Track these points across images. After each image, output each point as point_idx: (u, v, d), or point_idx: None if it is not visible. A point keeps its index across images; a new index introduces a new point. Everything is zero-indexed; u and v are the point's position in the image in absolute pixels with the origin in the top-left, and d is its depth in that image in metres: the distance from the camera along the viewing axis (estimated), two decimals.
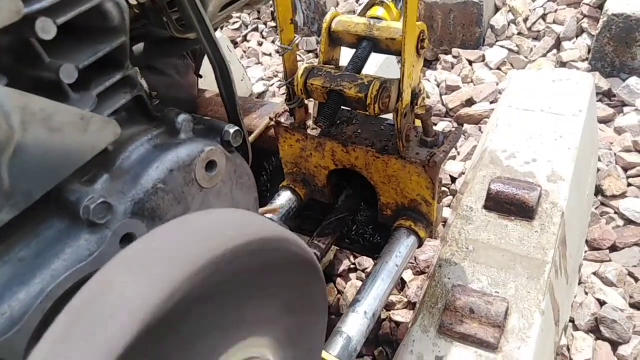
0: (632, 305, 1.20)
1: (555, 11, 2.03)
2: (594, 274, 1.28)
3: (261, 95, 2.15)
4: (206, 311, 0.24)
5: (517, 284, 0.92)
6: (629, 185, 1.48)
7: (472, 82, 2.01)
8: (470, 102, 1.91)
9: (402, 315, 1.27)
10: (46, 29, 0.26)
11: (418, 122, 0.81)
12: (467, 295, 0.88)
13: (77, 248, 0.27)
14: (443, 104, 1.93)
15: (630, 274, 1.26)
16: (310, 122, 0.89)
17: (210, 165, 0.34)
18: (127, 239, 0.29)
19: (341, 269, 1.44)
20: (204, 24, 0.35)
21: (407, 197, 0.85)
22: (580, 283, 1.27)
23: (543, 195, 1.07)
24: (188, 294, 0.23)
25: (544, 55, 1.96)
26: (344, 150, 0.86)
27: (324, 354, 0.55)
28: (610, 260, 1.30)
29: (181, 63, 0.89)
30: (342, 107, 0.78)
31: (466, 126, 1.85)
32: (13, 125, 0.24)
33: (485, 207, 1.07)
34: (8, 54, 0.25)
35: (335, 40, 0.83)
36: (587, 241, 1.35)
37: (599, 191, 1.47)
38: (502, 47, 2.04)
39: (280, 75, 2.16)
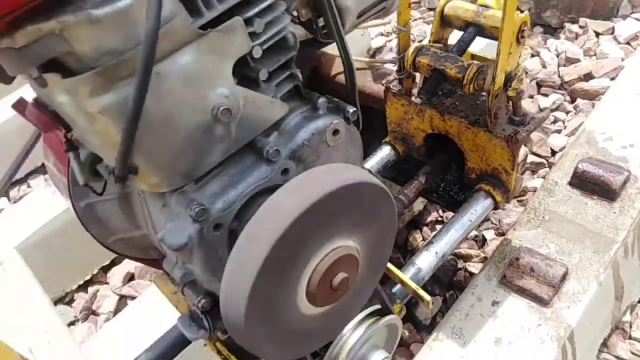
0: None
1: None
2: None
3: (379, 49, 2.28)
4: (324, 217, 0.44)
5: (582, 255, 1.03)
6: None
7: (594, 55, 1.95)
8: (588, 77, 1.88)
9: (476, 268, 1.42)
10: (257, 52, 0.46)
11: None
12: (531, 256, 1.01)
13: (259, 173, 0.48)
14: (559, 76, 1.92)
15: None
16: (415, 91, 1.04)
17: (335, 132, 0.53)
18: (285, 172, 0.50)
19: (428, 219, 1.61)
20: (340, 34, 0.52)
21: (490, 165, 0.98)
22: None
23: (631, 180, 1.13)
24: (316, 207, 0.43)
25: None
26: (441, 118, 1.00)
27: (394, 269, 0.75)
28: None
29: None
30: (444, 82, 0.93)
31: (579, 101, 1.84)
32: (239, 105, 0.44)
33: (570, 183, 1.16)
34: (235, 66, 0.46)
35: (445, 22, 0.96)
36: None
37: None
38: (637, 19, 1.93)
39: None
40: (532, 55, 2.09)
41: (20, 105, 0.44)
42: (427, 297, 0.76)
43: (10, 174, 2.07)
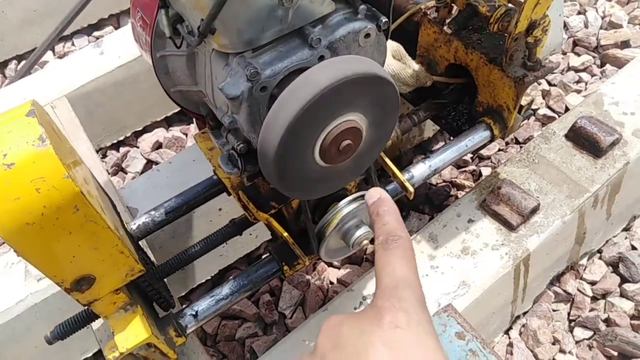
0: None
1: None
2: None
3: None
4: (343, 94, 0.58)
5: (556, 197, 1.18)
6: None
7: (639, 24, 1.97)
8: (624, 45, 1.91)
9: None
10: None
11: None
12: (512, 188, 1.16)
13: (302, 54, 0.61)
14: (597, 38, 1.95)
15: None
16: (448, 20, 1.14)
17: (367, 36, 0.65)
18: (321, 58, 0.63)
19: (435, 147, 1.75)
20: None
21: (496, 102, 1.10)
22: (627, 229, 1.46)
23: (620, 143, 1.25)
24: (338, 85, 0.57)
25: None
26: (465, 51, 1.11)
27: (388, 161, 0.91)
28: None
29: None
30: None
31: (608, 66, 1.89)
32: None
33: (566, 135, 1.28)
34: None
35: None
36: None
37: None
38: None
39: None
40: (579, 13, 2.10)
41: None
42: (410, 188, 0.92)
43: (60, 29, 2.22)
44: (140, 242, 1.12)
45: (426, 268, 1.10)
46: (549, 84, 1.87)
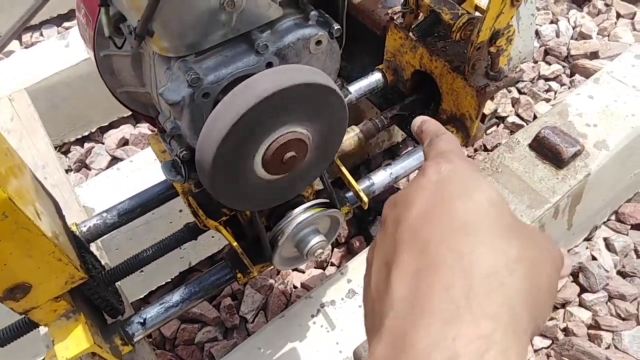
0: (619, 272, 1.41)
1: None
2: (605, 238, 1.47)
3: None
4: (285, 103, 0.56)
5: (517, 207, 1.18)
6: None
7: (607, 36, 2.00)
8: (593, 56, 1.94)
9: None
10: None
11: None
12: None
13: (248, 60, 0.59)
14: (567, 48, 1.97)
15: (636, 251, 1.45)
16: (413, 26, 1.12)
17: (318, 43, 0.63)
18: (269, 65, 0.61)
19: (405, 152, 1.74)
20: None
21: (459, 110, 1.10)
22: (588, 239, 1.48)
23: (582, 155, 1.26)
24: (280, 93, 0.55)
25: None
26: (429, 58, 1.10)
27: (345, 171, 0.89)
28: (626, 234, 1.48)
29: None
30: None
31: (577, 76, 1.91)
32: (243, 0, 0.55)
33: (530, 145, 1.28)
34: None
35: None
36: (616, 212, 1.52)
37: None
38: None
39: None
40: (552, 22, 2.12)
41: None
42: (365, 199, 0.91)
43: (26, 19, 2.13)
44: (94, 244, 1.09)
45: None
46: (519, 92, 1.89)
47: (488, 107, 1.12)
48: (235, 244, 0.81)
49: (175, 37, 0.56)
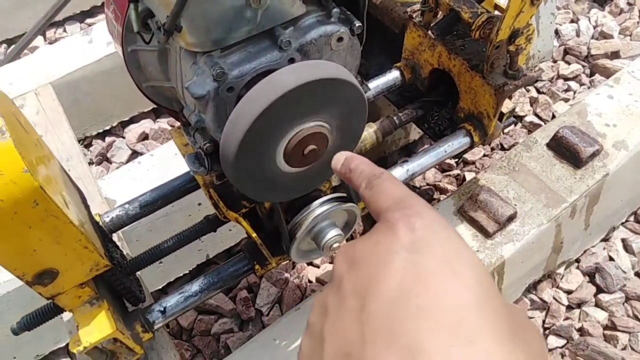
0: (637, 274, 1.40)
1: None
2: (623, 239, 1.46)
3: None
4: (307, 98, 0.58)
5: (534, 206, 1.18)
6: None
7: (630, 35, 1.98)
8: (614, 55, 1.92)
9: None
10: None
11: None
12: (490, 195, 1.16)
13: (271, 56, 0.61)
14: (588, 47, 1.95)
15: None
16: (431, 24, 1.13)
17: (340, 39, 0.65)
18: (291, 60, 0.63)
19: (421, 149, 1.75)
20: None
21: (477, 108, 1.10)
22: (605, 240, 1.47)
23: (601, 154, 1.25)
24: (301, 87, 0.57)
25: None
26: (448, 56, 1.11)
27: None
28: None
29: None
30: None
31: (597, 76, 1.90)
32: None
33: (548, 144, 1.28)
34: None
35: None
36: (635, 213, 1.50)
37: None
38: None
39: None
40: (572, 21, 2.10)
41: None
42: None
43: (50, 16, 2.20)
44: (116, 234, 1.12)
45: None
46: (538, 91, 1.88)
47: (506, 106, 1.12)
48: (254, 235, 0.83)
49: (202, 33, 0.58)
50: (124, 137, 1.90)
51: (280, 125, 0.59)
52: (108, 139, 1.89)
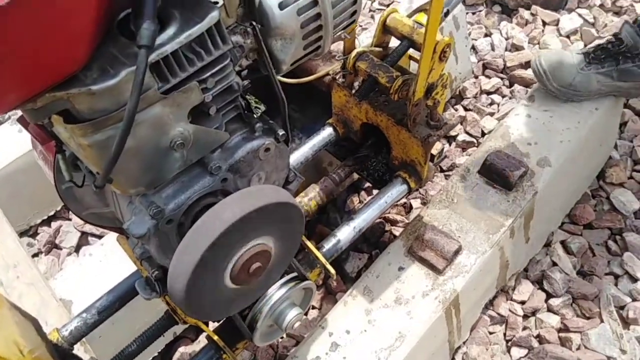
0: (579, 272, 1.51)
1: None
2: (562, 242, 1.57)
3: None
4: (248, 225, 0.62)
5: (476, 234, 1.26)
6: (630, 177, 1.68)
7: (537, 44, 2.13)
8: (528, 65, 2.05)
9: (399, 232, 1.65)
10: (208, 98, 0.61)
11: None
12: (434, 233, 1.23)
13: (204, 182, 0.64)
14: (503, 60, 2.09)
15: (591, 249, 1.55)
16: (356, 84, 1.19)
17: (267, 150, 0.69)
18: (224, 181, 0.67)
19: (366, 185, 1.81)
20: (275, 78, 0.67)
21: (409, 157, 1.17)
22: (547, 245, 1.57)
23: (528, 174, 1.35)
24: (246, 217, 0.61)
25: None
26: (374, 112, 1.17)
27: (310, 245, 0.95)
28: (580, 235, 1.58)
29: None
30: None
31: (516, 86, 2.03)
32: (191, 138, 0.60)
33: (479, 171, 1.37)
34: None
35: (387, 30, 1.10)
36: (569, 214, 1.62)
37: (601, 175, 1.69)
38: (579, 15, 2.10)
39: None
40: (486, 35, 2.24)
41: (23, 120, 0.57)
42: (332, 270, 0.97)
43: None
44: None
45: (364, 324, 1.15)
46: (465, 109, 1.99)
47: (435, 148, 1.20)
48: (216, 337, 0.85)
49: (133, 181, 0.60)
50: (70, 219, 1.86)
51: (226, 253, 0.62)
52: (54, 224, 1.84)
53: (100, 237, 1.79)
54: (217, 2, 0.61)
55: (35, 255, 1.76)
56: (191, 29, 0.53)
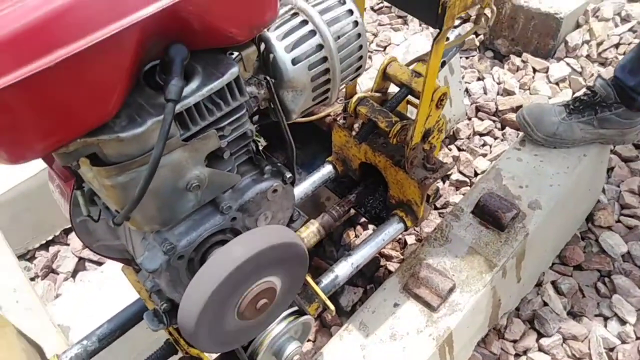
0: (569, 313, 1.54)
1: (629, 43, 2.14)
2: (553, 282, 1.61)
3: None
4: (256, 265, 0.65)
5: (469, 273, 1.30)
6: (618, 221, 1.74)
7: (528, 89, 2.21)
8: (518, 109, 2.14)
9: (394, 267, 1.69)
10: (224, 144, 0.66)
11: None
12: (429, 271, 1.27)
13: (214, 220, 0.68)
14: (495, 104, 2.17)
15: (581, 290, 1.59)
16: (356, 126, 1.25)
17: (274, 191, 0.74)
18: (233, 219, 0.71)
19: (362, 219, 1.85)
20: (285, 126, 0.72)
21: (405, 197, 1.22)
22: (538, 285, 1.61)
23: (520, 216, 1.40)
24: (255, 257, 0.64)
25: None
26: (372, 153, 1.22)
27: (310, 280, 0.98)
28: (570, 276, 1.62)
29: None
30: None
31: (507, 129, 2.10)
32: (206, 180, 0.64)
33: (473, 212, 1.42)
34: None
35: (386, 77, 1.17)
36: (559, 255, 1.66)
37: (590, 218, 1.74)
38: (567, 64, 2.20)
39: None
40: (479, 79, 2.33)
41: (48, 158, 0.61)
42: (331, 306, 1.00)
43: None
44: None
45: (359, 358, 1.17)
46: (458, 149, 2.05)
47: (431, 189, 1.25)
48: None
49: (149, 219, 0.64)
50: (68, 244, 1.88)
51: (235, 291, 0.65)
52: (52, 249, 1.86)
53: (98, 263, 1.81)
54: (232, 54, 0.66)
55: (32, 279, 1.77)
56: (213, 83, 0.58)
